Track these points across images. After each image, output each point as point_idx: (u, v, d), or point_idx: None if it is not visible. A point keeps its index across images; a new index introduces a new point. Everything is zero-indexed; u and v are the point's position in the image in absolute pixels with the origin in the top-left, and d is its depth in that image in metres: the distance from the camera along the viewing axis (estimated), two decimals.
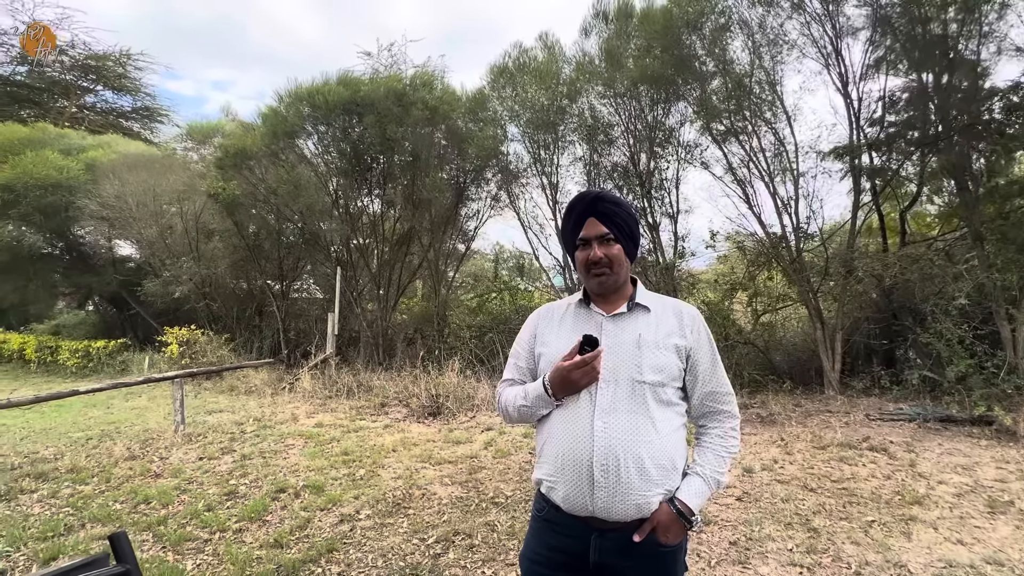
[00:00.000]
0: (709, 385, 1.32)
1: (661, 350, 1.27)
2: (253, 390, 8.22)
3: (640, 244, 1.41)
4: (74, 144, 14.22)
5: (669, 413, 1.26)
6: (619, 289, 1.36)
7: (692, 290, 8.40)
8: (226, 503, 3.76)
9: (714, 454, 1.30)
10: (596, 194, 1.35)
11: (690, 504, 1.22)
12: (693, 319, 1.34)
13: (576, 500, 1.22)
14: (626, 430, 1.20)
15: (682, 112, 8.10)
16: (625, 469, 1.18)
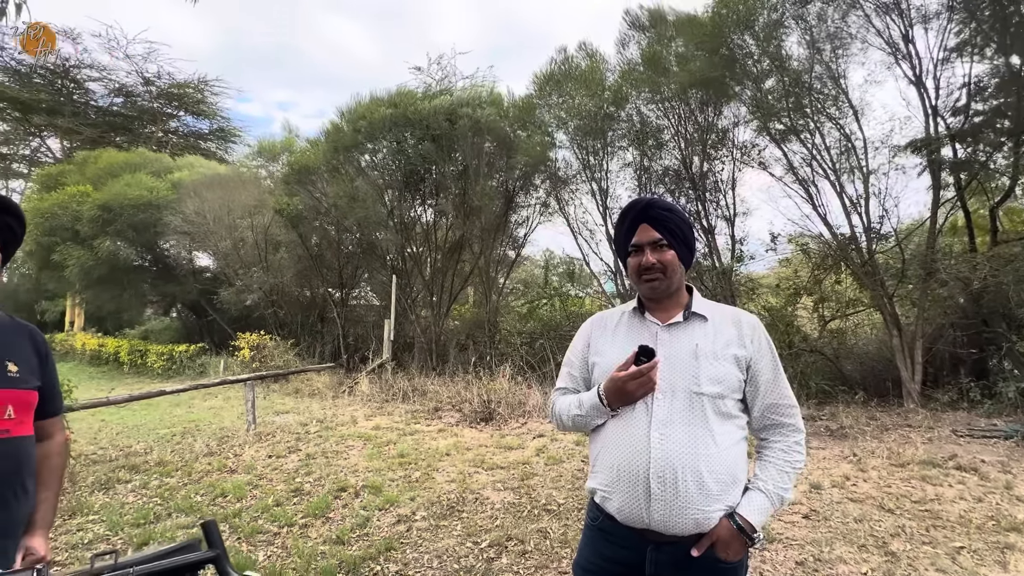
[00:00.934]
0: (771, 397, 1.27)
1: (720, 361, 1.23)
2: (316, 393, 8.65)
3: (695, 250, 1.38)
4: (164, 166, 15.66)
5: (729, 426, 1.23)
6: (674, 297, 1.33)
7: (751, 295, 8.04)
8: (292, 499, 3.98)
9: (777, 469, 1.25)
10: (649, 200, 1.34)
11: (752, 520, 1.18)
12: (753, 328, 1.29)
13: (632, 512, 1.20)
14: (684, 443, 1.18)
15: (735, 113, 7.82)
16: (683, 482, 1.15)
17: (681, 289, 1.35)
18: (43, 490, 1.25)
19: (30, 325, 1.35)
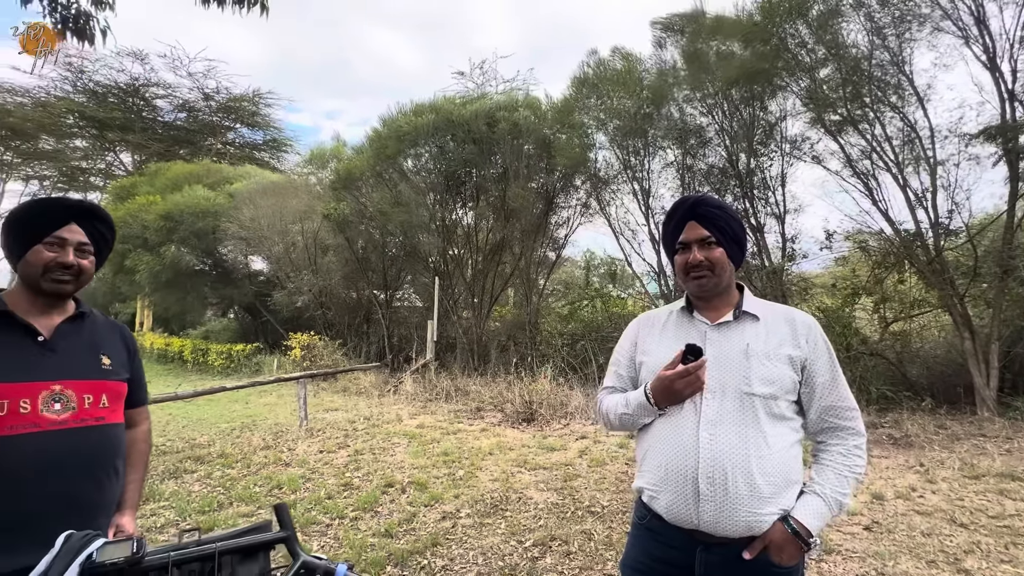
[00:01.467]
0: (828, 399, 1.22)
1: (772, 361, 1.20)
2: (362, 391, 8.94)
3: (747, 248, 1.35)
4: (224, 176, 16.67)
5: (783, 428, 1.20)
6: (723, 295, 1.30)
7: (804, 295, 7.68)
8: (343, 493, 4.14)
9: (835, 473, 1.20)
10: (698, 197, 1.32)
11: (807, 524, 1.13)
12: (808, 328, 1.25)
13: (680, 512, 1.19)
14: (734, 443, 1.16)
15: (783, 106, 7.50)
16: (733, 483, 1.13)
17: (731, 288, 1.32)
18: (131, 473, 1.37)
19: (120, 324, 1.49)
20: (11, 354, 1.17)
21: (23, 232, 1.24)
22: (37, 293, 1.25)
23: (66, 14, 3.38)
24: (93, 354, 1.30)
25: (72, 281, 1.26)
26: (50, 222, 1.24)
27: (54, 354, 1.22)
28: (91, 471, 1.22)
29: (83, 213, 1.28)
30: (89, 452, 1.22)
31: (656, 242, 8.80)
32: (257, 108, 27.91)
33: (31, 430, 1.13)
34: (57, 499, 1.15)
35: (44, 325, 1.24)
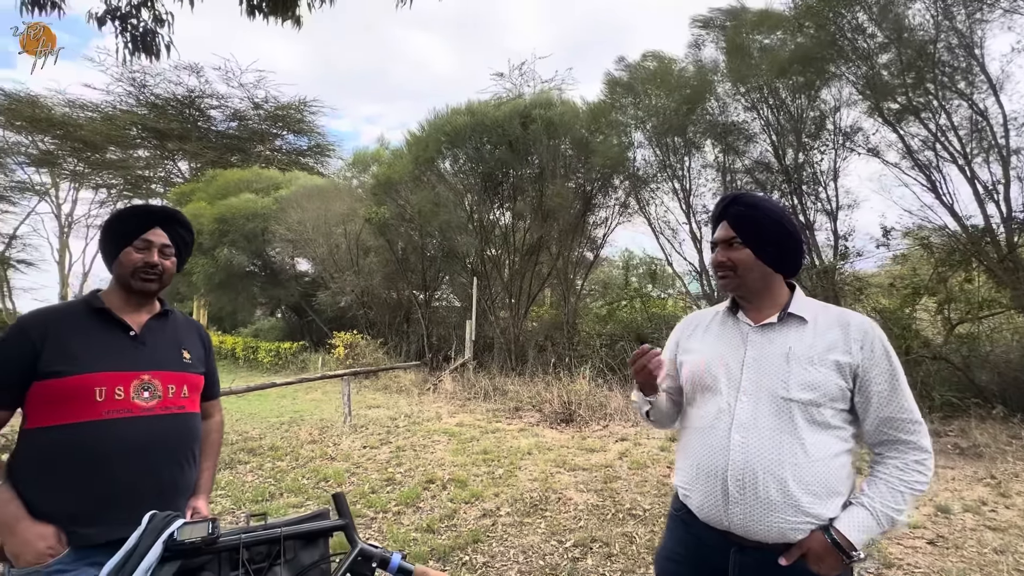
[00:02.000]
0: (887, 410, 1.15)
1: (816, 366, 1.15)
2: (403, 389, 9.13)
3: (795, 248, 1.26)
4: (273, 182, 17.47)
5: (826, 437, 1.14)
6: (767, 296, 1.26)
7: (859, 295, 7.28)
8: (386, 488, 4.24)
9: (889, 487, 1.13)
10: (733, 195, 1.30)
11: (849, 536, 1.08)
12: (864, 333, 1.17)
13: (711, 512, 1.18)
14: (767, 448, 1.13)
15: (837, 95, 7.13)
16: (764, 488, 1.11)
17: (773, 288, 1.26)
18: (204, 460, 1.48)
19: (198, 322, 1.61)
20: (108, 346, 1.29)
21: (116, 236, 1.37)
22: (128, 292, 1.37)
23: (135, 33, 3.62)
24: (176, 349, 1.42)
25: (156, 280, 1.37)
26: (137, 227, 1.37)
27: (144, 347, 1.34)
28: (174, 455, 1.33)
29: (165, 218, 1.42)
30: (173, 437, 1.33)
31: (697, 241, 8.59)
32: (303, 116, 29.04)
33: (125, 415, 1.24)
34: (145, 479, 1.26)
35: (135, 321, 1.36)
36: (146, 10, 3.62)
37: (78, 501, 1.16)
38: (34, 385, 1.20)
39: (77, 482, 1.18)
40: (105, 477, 1.20)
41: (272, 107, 28.38)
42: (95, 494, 1.17)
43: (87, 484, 1.18)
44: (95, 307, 1.32)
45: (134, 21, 3.60)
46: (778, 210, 1.28)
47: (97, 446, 1.20)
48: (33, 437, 1.21)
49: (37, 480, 1.17)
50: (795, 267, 1.28)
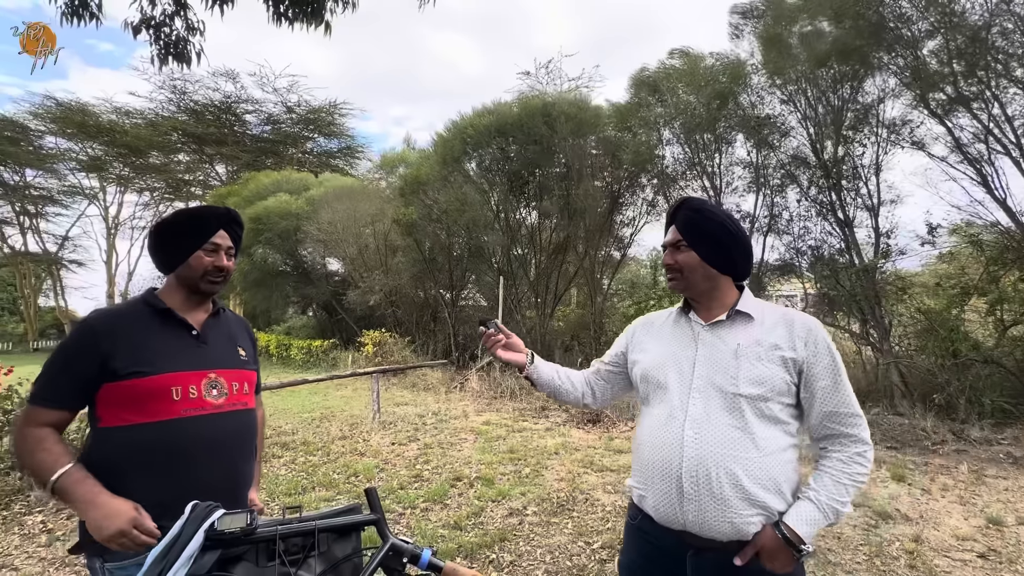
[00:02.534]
0: (829, 404, 1.19)
1: (763, 361, 1.19)
2: (430, 387, 9.23)
3: (741, 251, 1.30)
4: (304, 184, 17.94)
5: (775, 431, 1.18)
6: (717, 296, 1.30)
7: (902, 296, 6.96)
8: (414, 484, 4.29)
9: (833, 480, 1.17)
10: (680, 202, 1.35)
11: (799, 531, 1.11)
12: (809, 330, 1.22)
13: (666, 511, 1.19)
14: (720, 443, 1.15)
15: (881, 86, 6.83)
16: (718, 483, 1.13)
17: (720, 289, 1.30)
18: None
19: (244, 319, 1.65)
20: (177, 346, 1.32)
21: (183, 239, 1.37)
22: (192, 293, 1.38)
23: (168, 41, 3.75)
24: (232, 346, 1.45)
25: (222, 282, 1.41)
26: (206, 230, 1.38)
27: (207, 346, 1.37)
28: (242, 450, 1.38)
29: (230, 220, 1.44)
30: (241, 432, 1.38)
31: None
32: (333, 118, 29.70)
33: (200, 412, 1.28)
34: (221, 473, 1.30)
35: (195, 320, 1.39)
36: (179, 19, 3.74)
37: (163, 497, 1.16)
38: (106, 386, 1.21)
39: (161, 478, 1.21)
40: (187, 473, 1.23)
41: (304, 111, 29.14)
42: (178, 490, 1.18)
43: (171, 480, 1.21)
44: (159, 308, 1.33)
45: (167, 30, 3.72)
46: (723, 215, 1.32)
47: (178, 443, 1.23)
48: (112, 436, 1.22)
49: (120, 478, 1.18)
50: (744, 270, 1.32)
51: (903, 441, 5.37)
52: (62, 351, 1.26)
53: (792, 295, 10.17)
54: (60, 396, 1.22)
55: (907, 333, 6.92)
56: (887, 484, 4.15)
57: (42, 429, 1.19)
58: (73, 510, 1.15)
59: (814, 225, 7.59)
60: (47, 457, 1.15)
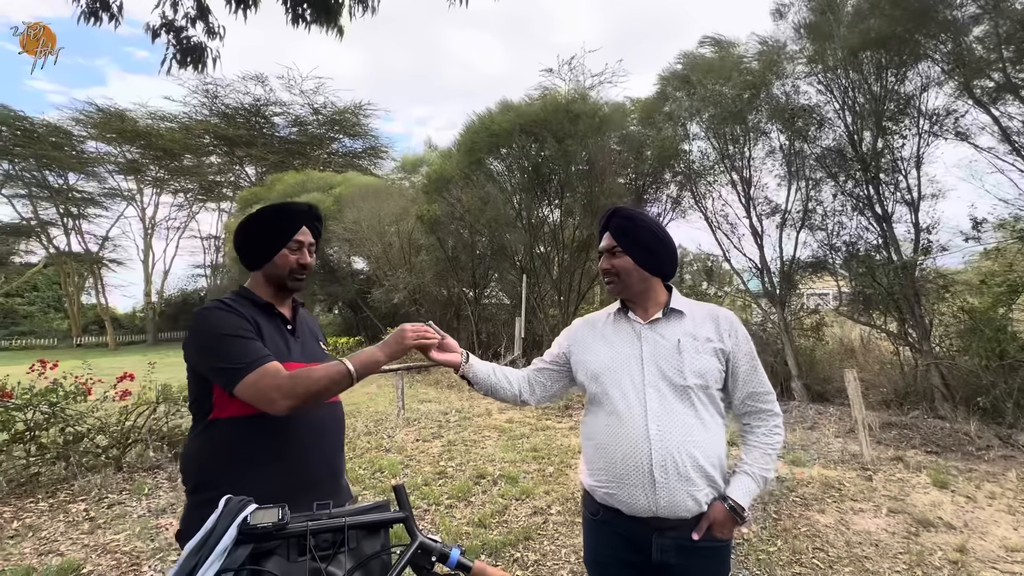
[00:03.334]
0: (750, 386, 1.37)
1: (701, 354, 1.33)
2: (453, 384, 9.28)
3: (668, 255, 1.43)
4: (328, 183, 18.26)
5: (714, 414, 1.34)
6: (651, 296, 1.42)
7: (943, 294, 6.66)
8: (438, 481, 4.31)
9: (761, 452, 1.35)
10: (613, 209, 1.46)
11: (742, 502, 1.28)
12: (731, 323, 1.39)
13: (639, 502, 1.28)
14: (680, 431, 1.27)
15: (924, 74, 6.52)
16: (683, 467, 1.25)
17: (653, 289, 1.43)
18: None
19: (313, 315, 1.66)
20: (280, 339, 1.34)
21: (268, 237, 1.38)
22: (279, 290, 1.40)
23: (186, 46, 3.80)
24: (315, 341, 1.48)
25: (305, 278, 1.42)
26: (290, 228, 1.39)
27: (299, 340, 1.40)
28: (338, 441, 1.41)
29: (312, 216, 1.44)
30: (337, 424, 1.41)
31: (758, 235, 8.15)
32: (358, 119, 30.16)
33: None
34: (323, 463, 1.32)
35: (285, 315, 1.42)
36: (201, 23, 3.79)
37: (270, 488, 1.13)
38: None
39: (268, 469, 1.22)
40: (292, 464, 1.25)
41: (330, 112, 29.67)
42: (287, 479, 1.21)
43: (277, 471, 1.22)
44: (261, 303, 1.36)
45: (186, 34, 3.78)
46: (652, 221, 1.47)
47: (284, 434, 1.25)
48: (221, 428, 1.23)
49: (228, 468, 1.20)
50: (670, 271, 1.46)
51: (944, 446, 5.14)
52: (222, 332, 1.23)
53: (824, 293, 9.85)
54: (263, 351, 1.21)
55: (949, 333, 6.61)
56: (928, 490, 3.98)
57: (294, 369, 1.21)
58: (376, 368, 1.28)
59: (849, 220, 7.33)
60: (325, 367, 1.22)
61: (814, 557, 2.95)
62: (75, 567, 2.88)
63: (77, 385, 4.52)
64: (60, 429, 4.33)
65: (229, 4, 3.60)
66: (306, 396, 1.18)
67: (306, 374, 1.19)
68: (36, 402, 4.22)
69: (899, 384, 6.78)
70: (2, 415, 4.07)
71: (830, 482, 4.12)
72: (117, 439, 4.58)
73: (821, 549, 3.04)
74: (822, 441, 5.43)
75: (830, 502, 3.74)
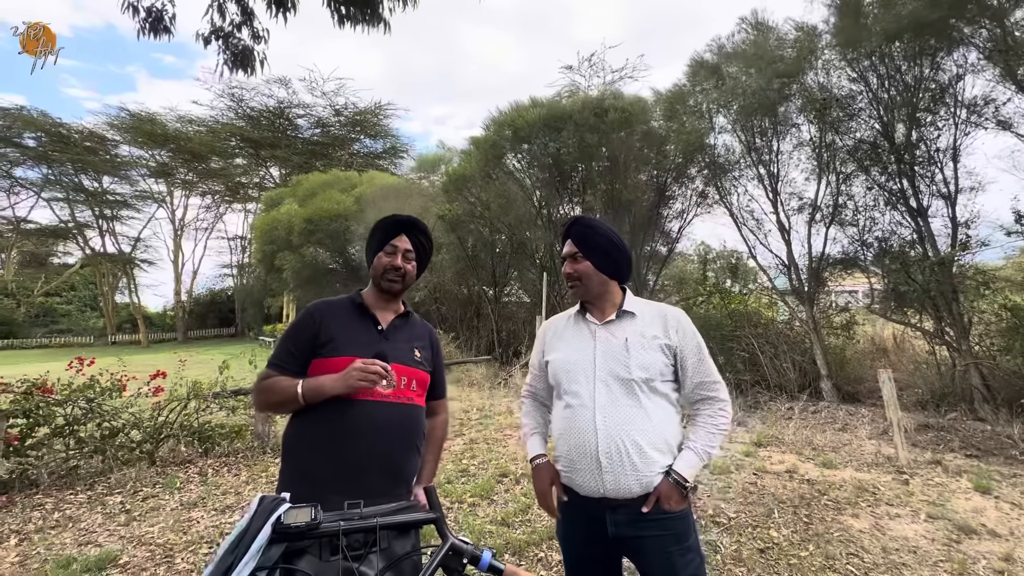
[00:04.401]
0: (698, 376, 1.51)
1: (647, 350, 1.47)
2: (474, 383, 9.30)
3: (625, 259, 1.58)
4: (350, 183, 18.52)
5: (661, 402, 1.47)
6: (608, 298, 1.57)
7: (983, 290, 6.37)
8: (461, 479, 4.31)
9: (705, 431, 1.48)
10: (574, 218, 1.62)
11: (684, 474, 1.41)
12: (677, 320, 1.54)
13: (589, 485, 1.43)
14: (623, 421, 1.41)
15: (961, 62, 6.25)
16: (626, 454, 1.39)
17: (609, 292, 1.57)
18: (428, 453, 1.60)
19: (430, 326, 1.74)
20: (362, 336, 1.48)
21: (372, 242, 1.59)
22: (380, 291, 1.56)
23: (235, 51, 3.92)
24: (410, 346, 1.56)
25: (400, 282, 1.55)
26: (387, 233, 1.56)
27: (387, 341, 1.50)
28: (402, 440, 1.44)
29: (408, 226, 1.59)
30: (402, 423, 1.45)
31: (785, 231, 7.94)
32: (378, 119, 30.47)
33: (370, 397, 1.39)
34: (379, 457, 1.37)
35: (383, 318, 1.55)
36: (246, 28, 3.90)
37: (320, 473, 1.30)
38: (313, 362, 1.42)
39: (321, 453, 1.33)
40: (345, 452, 1.33)
41: (351, 113, 30.05)
42: (342, 465, 1.31)
43: (329, 456, 1.32)
44: (357, 303, 1.53)
45: (234, 40, 3.90)
46: (609, 229, 1.60)
47: (347, 421, 1.35)
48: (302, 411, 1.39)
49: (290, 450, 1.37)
50: (626, 274, 1.60)
51: (986, 449, 4.92)
52: (290, 328, 1.50)
53: (854, 290, 9.55)
54: (283, 359, 1.44)
55: (990, 332, 6.34)
56: (969, 496, 3.81)
57: (270, 379, 1.41)
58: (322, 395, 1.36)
59: (882, 215, 7.08)
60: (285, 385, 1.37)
61: (848, 563, 2.85)
62: (112, 558, 2.97)
63: (113, 381, 4.67)
64: (97, 424, 4.48)
65: (270, 8, 3.69)
66: (265, 405, 1.43)
67: (269, 387, 1.40)
68: (75, 398, 4.38)
69: (935, 385, 6.53)
70: (44, 410, 4.23)
71: (864, 485, 3.98)
72: (150, 434, 4.72)
73: (856, 555, 2.94)
74: (854, 443, 5.26)
75: (864, 506, 3.62)
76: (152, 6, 3.60)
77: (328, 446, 1.33)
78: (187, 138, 28.02)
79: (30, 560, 2.97)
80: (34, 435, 4.22)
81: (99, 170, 27.67)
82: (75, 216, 29.22)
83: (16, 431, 4.13)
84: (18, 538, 3.26)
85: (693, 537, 1.45)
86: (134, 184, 29.82)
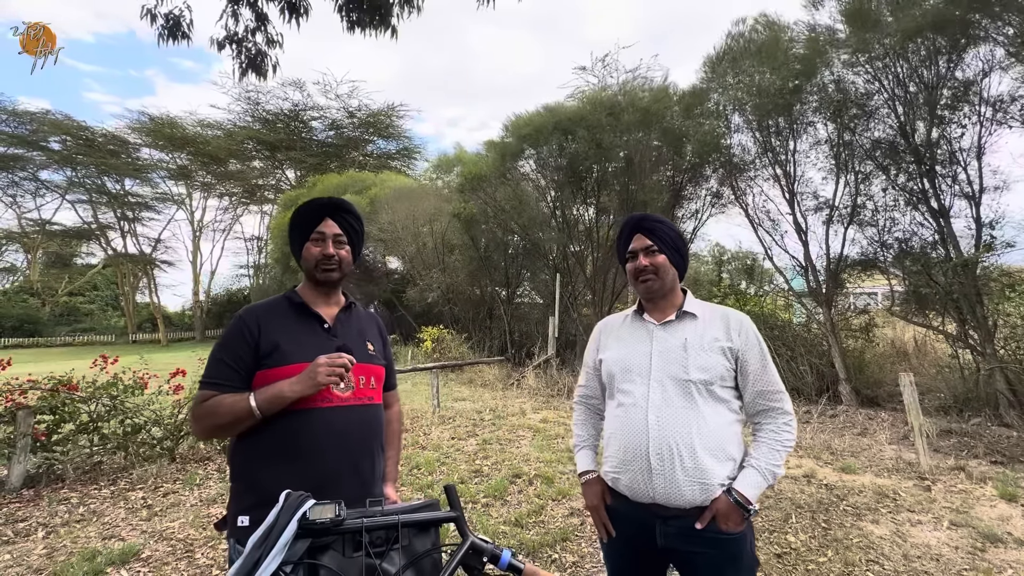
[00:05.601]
0: (760, 384, 1.42)
1: (706, 352, 1.41)
2: (487, 383, 9.33)
3: (687, 256, 1.58)
4: (365, 184, 18.70)
5: (720, 408, 1.39)
6: (668, 298, 1.53)
7: (1008, 293, 6.22)
8: (474, 479, 4.33)
9: (768, 448, 1.38)
10: (640, 216, 1.56)
11: (747, 494, 1.31)
12: (740, 323, 1.47)
13: (638, 487, 1.37)
14: (677, 422, 1.35)
15: (984, 58, 6.10)
16: (679, 456, 1.33)
17: (675, 291, 1.54)
18: (388, 449, 1.51)
19: (375, 315, 1.65)
20: (309, 338, 1.35)
21: (296, 232, 1.44)
22: (316, 284, 1.43)
23: (249, 55, 3.98)
24: (362, 340, 1.46)
25: (336, 270, 1.41)
26: (310, 220, 1.42)
27: (336, 339, 1.38)
28: (367, 442, 1.36)
29: (332, 208, 1.44)
30: (366, 425, 1.37)
31: (802, 232, 7.83)
32: (391, 121, 30.73)
33: (327, 404, 1.29)
34: (346, 463, 1.29)
35: (327, 313, 1.42)
36: (260, 34, 3.96)
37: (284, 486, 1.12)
38: (257, 374, 1.28)
39: (287, 467, 1.23)
40: (316, 462, 1.25)
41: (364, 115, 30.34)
42: (308, 478, 1.21)
43: (296, 470, 1.23)
44: (295, 302, 1.39)
45: (248, 45, 3.95)
46: (674, 225, 1.59)
47: (307, 432, 1.25)
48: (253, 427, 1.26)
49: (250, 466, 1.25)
50: (684, 271, 1.58)
51: (1012, 456, 4.80)
52: (221, 341, 1.33)
53: (873, 292, 9.37)
54: (223, 377, 1.28)
55: (1016, 335, 6.17)
56: (995, 503, 3.72)
57: (212, 400, 1.26)
58: (283, 403, 1.24)
59: (902, 215, 6.94)
60: (232, 402, 1.23)
61: (868, 570, 2.80)
62: (135, 552, 3.04)
63: (135, 379, 4.78)
64: (120, 421, 4.59)
65: (283, 14, 3.75)
66: (211, 429, 1.27)
67: (212, 409, 1.24)
68: (99, 395, 4.49)
69: (959, 389, 6.38)
70: (69, 407, 4.35)
71: (884, 491, 3.91)
72: (170, 431, 4.82)
73: (876, 562, 2.89)
74: (874, 448, 5.17)
75: (884, 512, 3.55)
76: (170, 12, 3.68)
77: (289, 464, 1.23)
78: (205, 141, 28.54)
79: (57, 552, 3.05)
80: (60, 431, 4.34)
81: (121, 173, 28.30)
82: (98, 218, 29.93)
83: (43, 427, 4.25)
84: (45, 531, 3.35)
85: (748, 554, 1.36)
86: (155, 186, 30.45)
